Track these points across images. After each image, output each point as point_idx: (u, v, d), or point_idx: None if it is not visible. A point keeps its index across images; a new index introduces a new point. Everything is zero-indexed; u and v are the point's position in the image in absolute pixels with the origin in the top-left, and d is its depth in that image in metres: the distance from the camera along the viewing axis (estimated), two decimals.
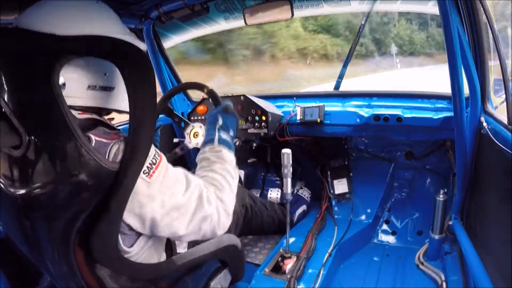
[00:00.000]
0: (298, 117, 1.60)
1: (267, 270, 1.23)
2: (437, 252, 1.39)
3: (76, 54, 0.65)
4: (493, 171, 1.07)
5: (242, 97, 1.60)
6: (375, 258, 1.50)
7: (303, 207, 1.71)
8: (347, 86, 1.78)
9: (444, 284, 1.23)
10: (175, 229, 0.72)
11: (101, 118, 0.74)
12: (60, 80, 0.64)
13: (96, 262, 0.70)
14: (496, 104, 1.19)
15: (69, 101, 0.62)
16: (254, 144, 1.68)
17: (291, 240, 1.39)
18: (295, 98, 1.69)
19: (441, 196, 1.31)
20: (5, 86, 0.59)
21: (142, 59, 0.66)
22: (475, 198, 1.23)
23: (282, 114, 1.64)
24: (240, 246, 1.04)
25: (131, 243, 0.74)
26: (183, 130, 1.25)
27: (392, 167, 1.72)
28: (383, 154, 1.74)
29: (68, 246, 0.65)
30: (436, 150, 1.62)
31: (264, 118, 1.55)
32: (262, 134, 1.57)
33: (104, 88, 0.73)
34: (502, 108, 1.06)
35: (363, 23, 1.63)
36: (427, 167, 1.68)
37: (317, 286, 1.19)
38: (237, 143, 1.60)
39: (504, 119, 0.99)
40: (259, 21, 1.43)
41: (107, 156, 0.64)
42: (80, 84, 0.70)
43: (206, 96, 1.20)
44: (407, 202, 1.71)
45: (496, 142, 0.95)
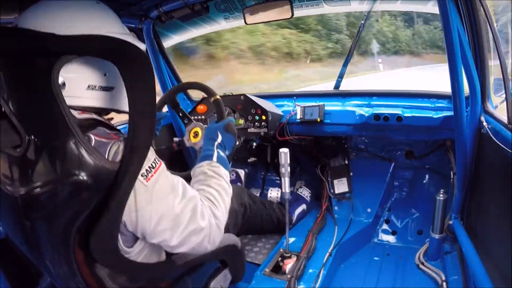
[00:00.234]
0: (298, 116, 1.60)
1: (267, 270, 1.23)
2: (437, 252, 1.39)
3: (76, 54, 0.65)
4: (493, 171, 1.07)
5: (242, 96, 1.60)
6: (375, 258, 1.50)
7: (303, 206, 1.71)
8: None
9: (444, 283, 1.23)
10: (166, 237, 0.70)
11: (101, 118, 0.74)
12: (60, 80, 0.64)
13: (96, 262, 0.70)
14: (496, 104, 1.19)
15: (68, 101, 0.63)
16: (254, 144, 1.68)
17: (291, 240, 1.39)
18: (295, 98, 1.69)
19: (441, 195, 1.31)
20: (5, 86, 0.59)
21: (141, 59, 0.66)
22: (475, 197, 1.23)
23: (282, 114, 1.64)
24: (240, 246, 1.04)
25: (131, 243, 0.74)
26: (185, 126, 1.25)
27: (392, 167, 1.72)
28: (383, 154, 1.74)
29: (68, 246, 0.65)
30: (436, 150, 1.62)
31: (264, 118, 1.55)
32: (262, 133, 1.57)
33: (104, 88, 0.73)
34: (502, 107, 1.06)
35: (363, 22, 1.63)
36: (427, 166, 1.68)
37: (317, 286, 1.19)
38: (237, 143, 1.61)
39: (504, 119, 0.99)
40: (259, 20, 1.44)
41: (106, 155, 0.64)
42: (80, 84, 0.70)
43: (207, 96, 1.19)
44: (407, 202, 1.71)
45: (496, 141, 0.95)
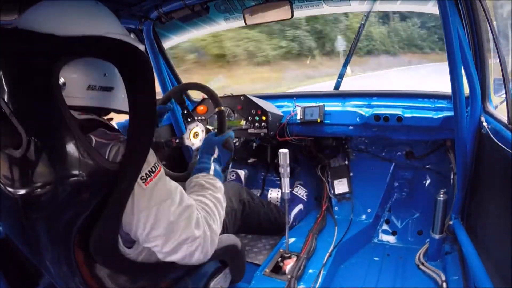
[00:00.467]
0: (298, 116, 1.61)
1: (267, 271, 1.23)
2: (437, 252, 1.38)
3: (76, 54, 0.65)
4: (493, 171, 1.07)
5: (242, 97, 1.60)
6: (375, 258, 1.50)
7: (299, 206, 1.70)
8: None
9: (444, 284, 1.23)
10: (159, 243, 0.70)
11: (101, 119, 0.74)
12: (60, 80, 0.64)
13: (96, 262, 0.70)
14: (496, 104, 1.19)
15: (69, 101, 0.63)
16: (254, 144, 1.68)
17: (291, 240, 1.39)
18: (295, 98, 1.69)
19: (441, 195, 1.31)
20: (5, 87, 0.59)
21: (141, 60, 0.66)
22: (475, 197, 1.23)
23: (282, 114, 1.64)
24: (240, 246, 1.04)
25: (131, 243, 0.74)
26: (187, 124, 1.25)
27: (392, 167, 1.72)
28: (383, 154, 1.74)
29: (68, 247, 0.65)
30: (436, 150, 1.62)
31: (264, 118, 1.55)
32: (262, 134, 1.57)
33: (103, 88, 0.74)
34: (502, 107, 1.06)
35: (363, 22, 1.63)
36: (427, 167, 1.68)
37: (317, 286, 1.19)
38: (237, 143, 1.61)
39: (504, 119, 0.98)
40: (259, 21, 1.44)
41: (106, 156, 0.64)
42: (80, 84, 0.70)
43: (207, 97, 1.19)
44: (408, 202, 1.71)
45: (496, 141, 0.94)
